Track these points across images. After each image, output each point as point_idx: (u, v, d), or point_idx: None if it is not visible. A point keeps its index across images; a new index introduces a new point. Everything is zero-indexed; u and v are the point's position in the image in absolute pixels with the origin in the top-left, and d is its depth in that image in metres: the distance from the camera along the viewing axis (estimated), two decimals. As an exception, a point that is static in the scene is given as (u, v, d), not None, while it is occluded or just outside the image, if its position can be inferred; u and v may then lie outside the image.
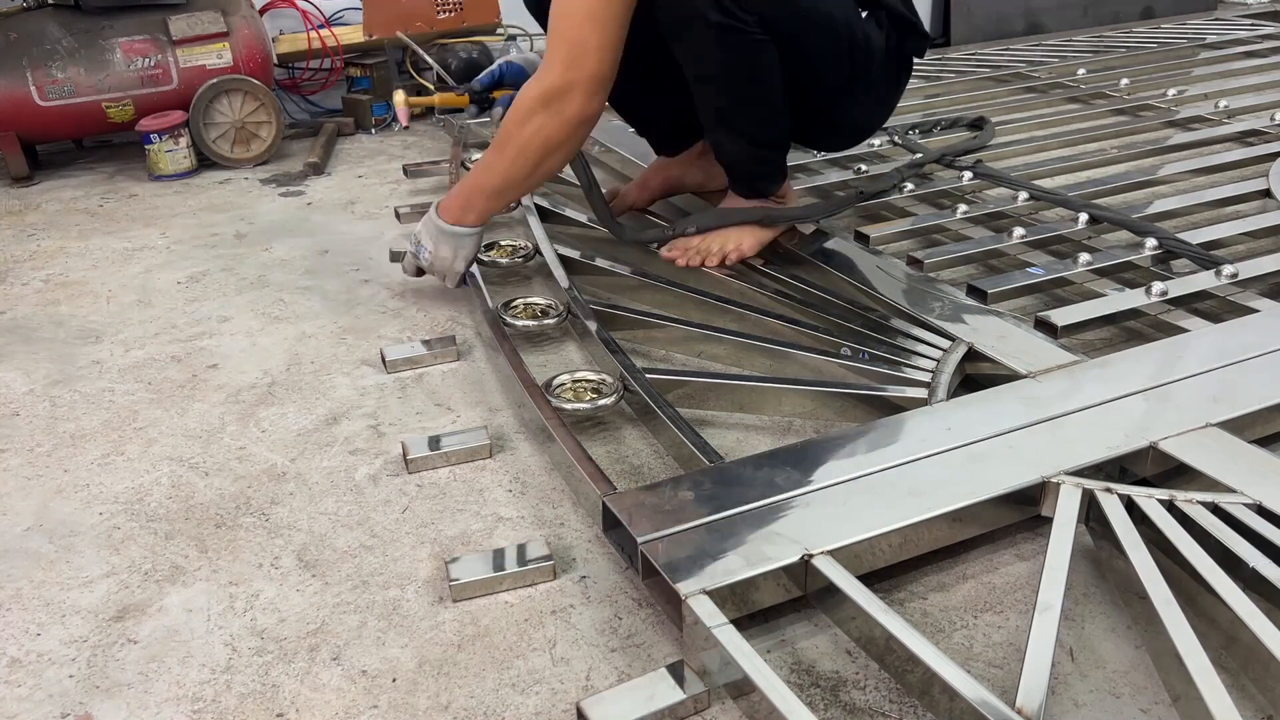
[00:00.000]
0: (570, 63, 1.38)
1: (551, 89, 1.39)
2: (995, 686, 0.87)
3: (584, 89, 1.39)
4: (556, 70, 1.38)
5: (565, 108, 1.40)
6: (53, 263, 2.02)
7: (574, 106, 1.40)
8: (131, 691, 0.93)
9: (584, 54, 1.37)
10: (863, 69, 1.50)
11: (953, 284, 1.53)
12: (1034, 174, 2.00)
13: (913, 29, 1.55)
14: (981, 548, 1.05)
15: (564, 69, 1.38)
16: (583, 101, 1.40)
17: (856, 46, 1.47)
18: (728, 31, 1.37)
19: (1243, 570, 0.91)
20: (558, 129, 1.42)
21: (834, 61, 1.48)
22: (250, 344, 1.61)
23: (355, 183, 2.44)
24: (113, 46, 2.49)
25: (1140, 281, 1.48)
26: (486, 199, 1.54)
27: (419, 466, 1.25)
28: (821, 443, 1.12)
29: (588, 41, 1.36)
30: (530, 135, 1.43)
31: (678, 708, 0.85)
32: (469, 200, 1.55)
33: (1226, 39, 3.20)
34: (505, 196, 1.56)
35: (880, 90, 1.57)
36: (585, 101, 1.40)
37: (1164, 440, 1.08)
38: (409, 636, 0.98)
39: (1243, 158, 2.05)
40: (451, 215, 1.56)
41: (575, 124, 1.43)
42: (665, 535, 0.97)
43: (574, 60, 1.37)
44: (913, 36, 1.56)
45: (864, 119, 1.64)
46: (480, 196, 1.54)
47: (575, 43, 1.37)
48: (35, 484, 1.26)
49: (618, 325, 1.49)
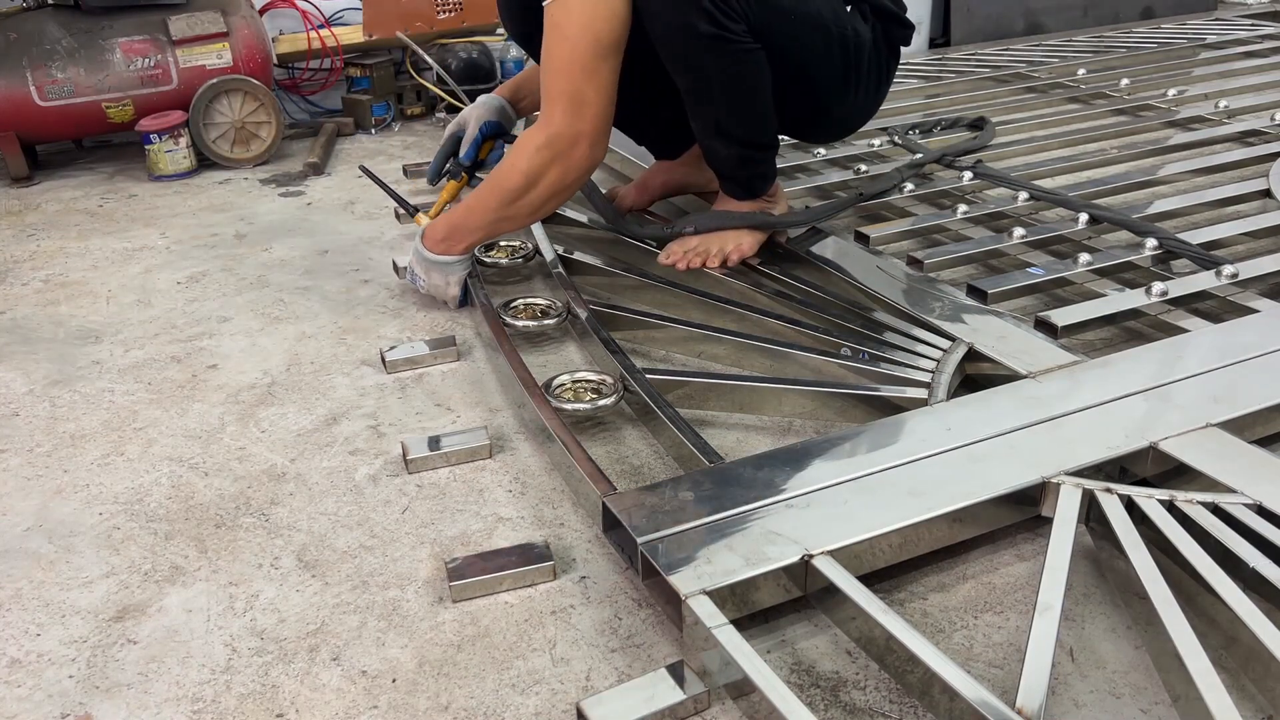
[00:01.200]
0: (572, 114, 1.39)
1: (556, 138, 1.41)
2: (995, 687, 0.87)
3: (589, 138, 1.41)
4: (558, 120, 1.40)
5: (572, 155, 1.42)
6: (52, 263, 2.02)
7: (580, 154, 1.43)
8: (131, 692, 0.93)
9: (583, 104, 1.39)
10: (854, 63, 1.52)
11: (953, 284, 1.53)
12: (1034, 174, 2.00)
13: (896, 19, 1.56)
14: (981, 548, 1.05)
15: (566, 119, 1.40)
16: (588, 150, 1.43)
17: (846, 42, 1.49)
18: (718, 41, 1.38)
19: (1243, 570, 0.91)
20: (562, 176, 1.44)
21: (825, 60, 1.49)
22: (250, 344, 1.61)
23: (355, 183, 2.44)
24: (112, 46, 2.49)
25: (1140, 281, 1.48)
26: (473, 235, 1.57)
27: (419, 467, 1.25)
28: (821, 443, 1.12)
29: (584, 93, 1.38)
30: (532, 181, 1.44)
31: (678, 708, 0.85)
32: (455, 234, 1.57)
33: (1226, 39, 3.20)
34: (493, 234, 1.60)
35: (870, 83, 1.58)
36: (590, 150, 1.43)
37: (1164, 440, 1.08)
38: (409, 637, 0.98)
39: (1243, 158, 2.05)
40: (437, 248, 1.59)
41: (582, 171, 1.45)
42: (665, 535, 0.97)
43: (575, 111, 1.39)
44: (897, 26, 1.57)
45: (856, 112, 1.66)
46: (468, 233, 1.57)
47: (572, 95, 1.39)
48: (35, 484, 1.26)
49: (618, 325, 1.49)
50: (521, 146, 1.45)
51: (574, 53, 1.37)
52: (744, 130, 1.51)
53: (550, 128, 1.41)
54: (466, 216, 1.55)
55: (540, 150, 1.42)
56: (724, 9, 1.36)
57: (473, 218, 1.55)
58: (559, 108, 1.40)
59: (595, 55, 1.37)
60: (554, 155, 1.42)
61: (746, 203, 1.65)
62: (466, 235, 1.57)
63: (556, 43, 1.38)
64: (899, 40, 1.60)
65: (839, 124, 1.71)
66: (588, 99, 1.39)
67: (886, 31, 1.56)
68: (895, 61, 1.63)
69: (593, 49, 1.36)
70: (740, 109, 1.48)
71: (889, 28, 1.56)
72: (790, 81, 1.48)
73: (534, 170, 1.43)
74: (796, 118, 1.58)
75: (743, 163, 1.58)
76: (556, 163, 1.43)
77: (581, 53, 1.36)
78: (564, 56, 1.37)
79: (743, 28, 1.39)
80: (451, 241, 1.58)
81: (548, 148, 1.42)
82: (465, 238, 1.57)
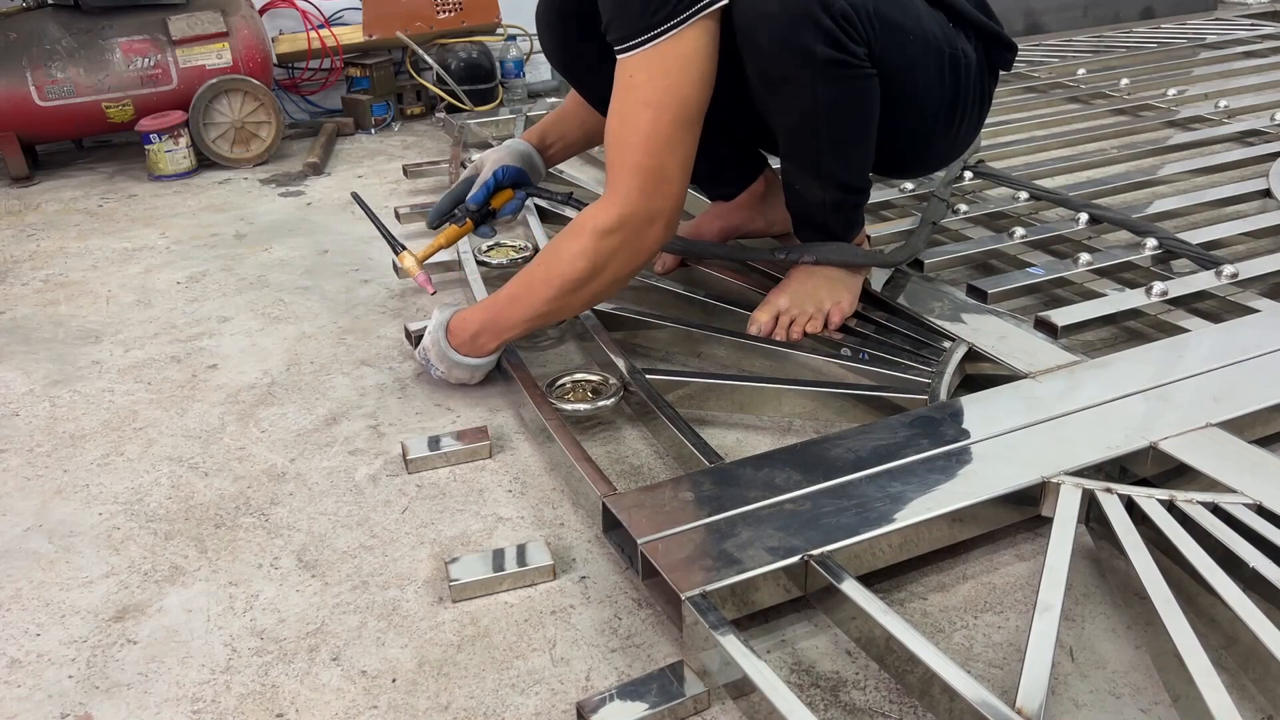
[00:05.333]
0: (650, 191, 1.20)
1: (630, 219, 1.21)
2: (995, 686, 0.87)
3: (666, 218, 1.23)
4: (634, 199, 1.20)
5: (646, 237, 1.23)
6: (52, 263, 2.02)
7: (653, 237, 1.24)
8: (131, 692, 0.93)
9: (664, 181, 1.20)
10: (962, 89, 1.38)
11: (953, 284, 1.53)
12: (1034, 174, 2.00)
13: (999, 40, 1.41)
14: (981, 548, 1.05)
15: (643, 198, 1.20)
16: (663, 231, 1.24)
17: (957, 65, 1.35)
18: (837, 67, 1.20)
19: (1243, 570, 0.91)
20: (632, 260, 1.25)
21: (936, 86, 1.35)
22: (250, 344, 1.61)
23: (355, 183, 2.44)
24: (112, 46, 2.49)
25: (1140, 281, 1.48)
26: (513, 331, 1.33)
27: (419, 467, 1.25)
28: (821, 443, 1.12)
29: (667, 168, 1.20)
30: (598, 268, 1.23)
31: (678, 708, 0.85)
32: (490, 330, 1.33)
33: (1226, 39, 3.20)
34: (542, 324, 1.35)
35: (974, 111, 1.43)
36: (665, 231, 1.25)
37: (1164, 440, 1.08)
38: (409, 637, 0.98)
39: (1243, 158, 2.05)
40: (465, 347, 1.35)
41: (651, 255, 1.27)
42: (665, 536, 0.97)
43: (654, 189, 1.20)
44: (1000, 49, 1.42)
45: (956, 143, 1.49)
46: (506, 329, 1.33)
47: (654, 170, 1.19)
48: (35, 484, 1.26)
49: (618, 326, 1.49)
50: (584, 228, 1.23)
51: (657, 123, 1.17)
52: (845, 171, 1.34)
53: (623, 207, 1.21)
54: (508, 309, 1.31)
55: (611, 234, 1.21)
56: (847, 30, 1.19)
57: (515, 310, 1.30)
58: (635, 184, 1.20)
59: (681, 124, 1.18)
60: (624, 239, 1.22)
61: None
62: (504, 332, 1.33)
63: (634, 108, 1.18)
64: (1000, 64, 1.44)
65: (937, 157, 1.52)
66: (669, 174, 1.20)
67: (989, 53, 1.41)
68: (994, 87, 1.47)
69: (679, 117, 1.18)
70: (846, 146, 1.30)
71: (991, 49, 1.41)
72: (895, 111, 1.31)
73: (602, 256, 1.22)
74: (895, 150, 1.38)
75: (836, 208, 1.39)
76: (626, 245, 1.23)
77: (666, 123, 1.17)
78: (643, 128, 1.17)
79: (864, 51, 1.22)
80: (485, 340, 1.34)
81: (620, 230, 1.21)
82: (501, 334, 1.33)
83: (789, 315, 1.40)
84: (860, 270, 1.46)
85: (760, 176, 1.62)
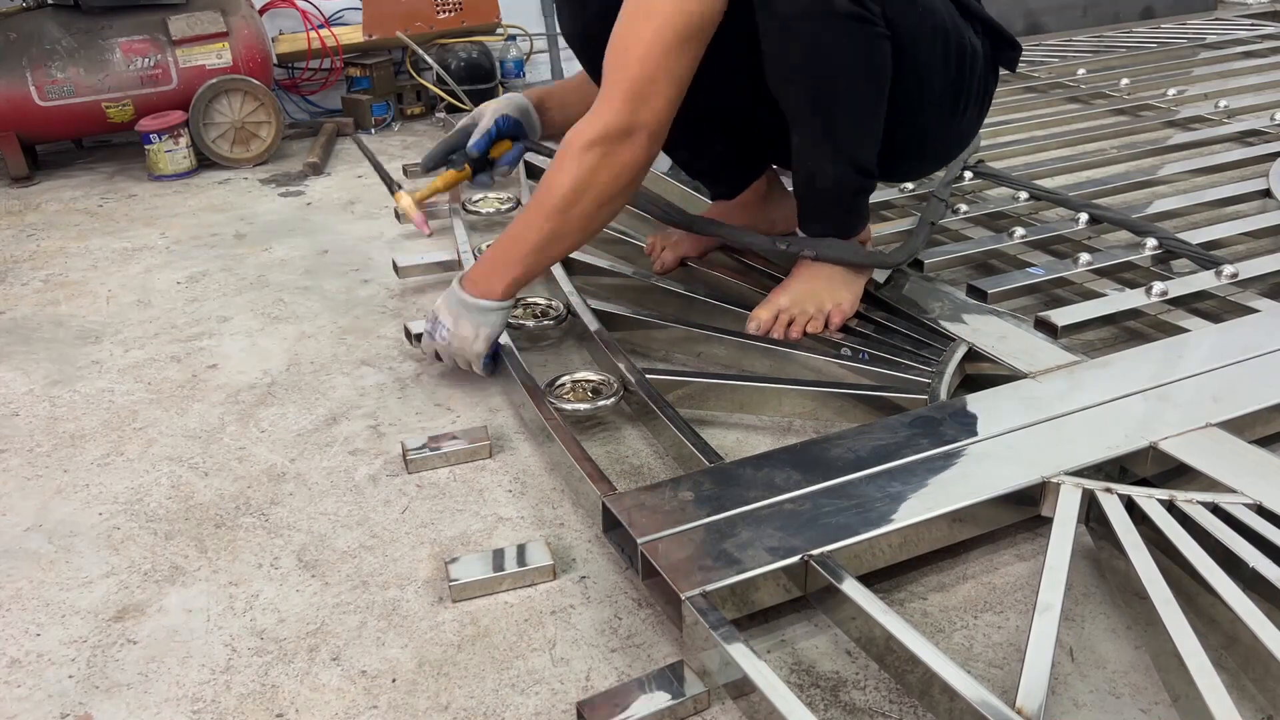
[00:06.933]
0: (635, 100, 1.20)
1: (609, 131, 1.21)
2: (995, 686, 0.87)
3: (646, 132, 1.22)
4: (616, 107, 1.20)
5: (621, 152, 1.22)
6: (52, 263, 2.02)
7: (631, 152, 1.22)
8: (131, 692, 0.93)
9: (652, 92, 1.20)
10: (966, 80, 1.36)
11: (953, 284, 1.53)
12: (1034, 174, 1.99)
13: (1005, 39, 1.40)
14: (981, 548, 1.05)
15: (625, 108, 1.20)
16: (643, 146, 1.22)
17: (963, 54, 1.33)
18: (857, 22, 1.19)
19: (1243, 570, 0.91)
20: (615, 179, 1.23)
21: (941, 72, 1.32)
22: (250, 344, 1.61)
23: (355, 183, 2.44)
24: (112, 46, 2.49)
25: (1140, 281, 1.48)
26: (518, 266, 1.31)
27: (419, 467, 1.25)
28: (821, 443, 1.12)
29: (656, 81, 1.19)
30: (581, 187, 1.23)
31: (678, 708, 0.85)
32: (495, 267, 1.32)
33: (1226, 39, 3.20)
34: (541, 263, 1.34)
35: (974, 106, 1.42)
36: (645, 147, 1.23)
37: (1164, 440, 1.08)
38: (409, 637, 0.98)
39: (1243, 158, 2.05)
40: (478, 287, 1.33)
41: (634, 173, 1.25)
42: (665, 536, 0.97)
43: (640, 97, 1.20)
44: (1006, 47, 1.41)
45: (954, 139, 1.48)
46: (511, 264, 1.31)
47: (642, 78, 1.19)
48: (35, 484, 1.26)
49: (618, 326, 1.49)
50: (566, 148, 1.24)
51: (659, 32, 1.17)
52: (854, 145, 1.31)
53: (604, 119, 1.21)
54: (507, 245, 1.31)
55: (590, 148, 1.21)
56: None
57: (516, 245, 1.30)
58: (620, 91, 1.20)
59: (682, 38, 1.18)
60: (604, 153, 1.21)
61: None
62: (509, 267, 1.31)
63: (637, 18, 1.19)
64: (1005, 64, 1.43)
65: (933, 154, 1.52)
66: (657, 89, 1.19)
67: (994, 51, 1.40)
68: (995, 87, 1.46)
69: (682, 29, 1.17)
70: (861, 113, 1.28)
71: (997, 47, 1.40)
72: (898, 92, 1.29)
73: (583, 173, 1.22)
74: (892, 139, 1.34)
75: (845, 191, 1.37)
76: (606, 161, 1.22)
77: (668, 32, 1.17)
78: (644, 35, 1.17)
79: (879, 10, 1.21)
80: (492, 278, 1.32)
81: (599, 143, 1.21)
82: (508, 270, 1.31)
83: (789, 314, 1.39)
84: (863, 272, 1.45)
85: (763, 176, 1.61)
